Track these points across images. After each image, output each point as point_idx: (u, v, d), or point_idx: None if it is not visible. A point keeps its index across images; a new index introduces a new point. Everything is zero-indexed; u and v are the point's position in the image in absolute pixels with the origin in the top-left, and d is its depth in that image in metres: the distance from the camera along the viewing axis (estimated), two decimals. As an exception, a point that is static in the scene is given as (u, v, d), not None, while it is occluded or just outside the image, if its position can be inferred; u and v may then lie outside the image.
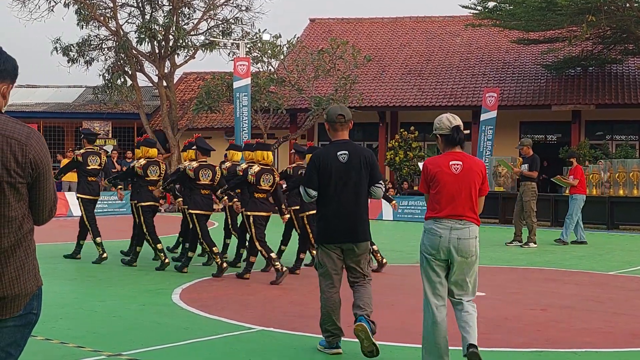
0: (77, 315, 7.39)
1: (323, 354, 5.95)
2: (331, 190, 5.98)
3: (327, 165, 6.01)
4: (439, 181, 5.36)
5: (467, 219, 5.33)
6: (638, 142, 27.37)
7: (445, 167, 5.37)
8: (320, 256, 6.05)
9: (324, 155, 6.09)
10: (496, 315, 7.54)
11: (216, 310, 7.57)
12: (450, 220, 5.31)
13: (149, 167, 11.04)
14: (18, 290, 3.04)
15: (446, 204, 5.33)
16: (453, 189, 5.34)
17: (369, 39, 32.78)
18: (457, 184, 5.34)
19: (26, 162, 3.01)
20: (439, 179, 5.37)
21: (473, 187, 5.37)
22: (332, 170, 5.99)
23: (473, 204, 5.37)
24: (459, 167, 5.37)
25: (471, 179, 5.37)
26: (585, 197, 16.03)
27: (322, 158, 6.06)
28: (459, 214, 5.32)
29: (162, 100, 29.71)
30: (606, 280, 10.36)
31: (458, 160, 5.39)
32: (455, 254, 5.28)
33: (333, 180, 5.98)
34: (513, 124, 28.11)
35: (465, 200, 5.34)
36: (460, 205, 5.33)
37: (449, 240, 5.27)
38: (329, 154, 6.08)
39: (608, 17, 23.41)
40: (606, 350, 6.13)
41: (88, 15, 28.53)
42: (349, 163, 6.02)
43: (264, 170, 9.80)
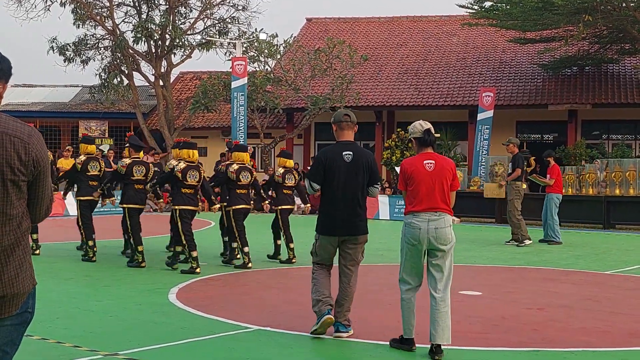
0: (73, 315, 7.37)
1: (319, 353, 5.94)
2: (334, 187, 6.40)
3: (333, 163, 6.41)
4: (415, 179, 6.01)
5: (441, 210, 5.98)
6: (634, 141, 27.42)
7: (420, 166, 6.04)
8: (318, 247, 6.47)
9: (331, 154, 6.48)
10: (493, 314, 7.54)
11: (213, 309, 7.56)
12: (427, 212, 5.95)
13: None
14: (17, 289, 3.05)
15: (422, 199, 5.98)
16: (428, 185, 5.98)
17: (366, 38, 32.79)
18: (431, 180, 5.99)
19: (29, 160, 3.04)
20: (415, 177, 6.02)
21: (445, 183, 6.02)
22: (337, 169, 6.39)
23: (446, 197, 6.02)
24: (432, 165, 6.05)
25: (443, 176, 6.02)
26: (562, 196, 16.05)
27: (329, 156, 6.47)
28: (434, 207, 5.96)
29: (159, 99, 29.68)
30: (603, 279, 10.37)
31: (431, 160, 6.07)
32: (435, 242, 5.91)
33: (337, 177, 6.39)
34: (509, 123, 28.14)
35: (439, 194, 5.99)
36: (435, 199, 5.97)
37: (428, 231, 5.91)
38: (335, 153, 6.47)
39: (604, 16, 23.44)
40: (603, 350, 6.13)
41: (84, 14, 28.51)
42: (352, 163, 6.43)
43: (190, 167, 10.44)
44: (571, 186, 20.12)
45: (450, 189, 6.07)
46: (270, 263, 11.52)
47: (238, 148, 11.29)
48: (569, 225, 19.58)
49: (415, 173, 6.03)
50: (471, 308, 7.84)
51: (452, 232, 6.01)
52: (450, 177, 6.06)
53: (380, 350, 6.08)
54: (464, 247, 13.83)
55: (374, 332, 6.74)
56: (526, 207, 20.29)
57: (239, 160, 11.11)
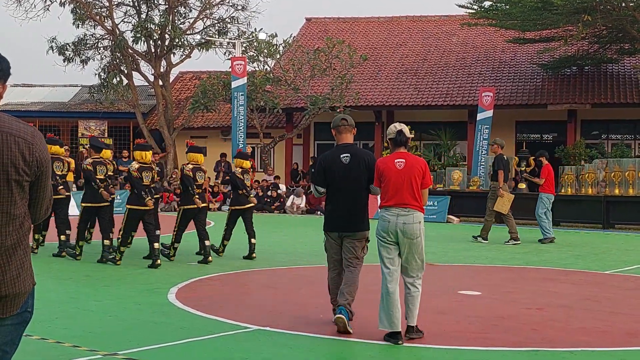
0: (73, 315, 7.37)
1: (319, 353, 5.94)
2: (335, 187, 6.85)
3: (331, 166, 6.85)
4: (386, 176, 6.44)
5: (410, 207, 6.34)
6: (634, 141, 27.43)
7: (391, 164, 6.45)
8: (326, 243, 7.05)
9: (330, 157, 6.93)
10: (493, 314, 7.54)
11: (212, 309, 7.55)
12: (397, 208, 6.35)
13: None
14: (18, 288, 3.07)
15: (392, 195, 6.39)
16: (397, 182, 6.38)
17: (365, 38, 32.78)
18: (401, 177, 6.39)
19: (33, 160, 3.05)
20: (386, 174, 6.45)
21: (414, 181, 6.38)
22: (336, 171, 6.82)
23: (415, 194, 6.37)
24: (402, 164, 6.43)
25: (412, 174, 6.39)
26: (553, 196, 16.03)
27: (328, 159, 6.93)
28: (403, 203, 6.34)
29: (158, 99, 29.68)
30: (602, 279, 10.37)
31: (402, 159, 6.46)
32: (402, 236, 6.30)
33: (336, 179, 6.82)
34: (509, 123, 28.14)
35: (407, 191, 6.36)
36: (404, 195, 6.36)
37: (396, 224, 6.31)
38: (334, 156, 6.89)
39: (604, 16, 23.44)
40: (603, 350, 6.13)
41: (84, 14, 28.50)
42: (350, 164, 6.80)
43: (143, 167, 11.15)
44: (570, 186, 20.11)
45: (422, 187, 6.42)
46: (268, 263, 11.52)
47: (192, 149, 11.88)
48: (568, 225, 19.59)
49: (386, 171, 6.44)
50: (470, 308, 7.84)
51: (420, 227, 6.36)
52: (420, 175, 6.41)
53: (381, 350, 6.08)
54: (464, 246, 13.84)
55: (374, 332, 6.74)
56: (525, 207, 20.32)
57: (194, 161, 11.71)
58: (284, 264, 11.42)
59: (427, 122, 28.10)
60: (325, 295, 8.50)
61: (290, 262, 11.61)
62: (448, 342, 6.31)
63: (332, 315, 6.73)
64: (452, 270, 11.07)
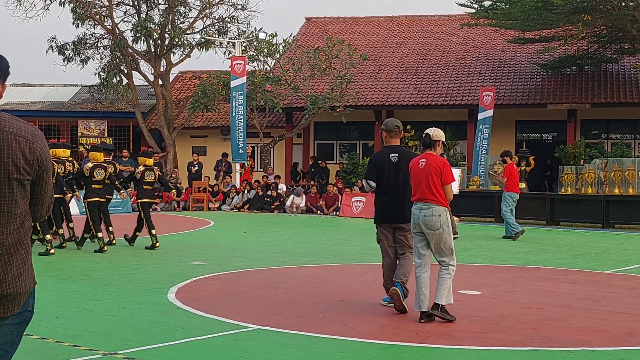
0: (72, 314, 7.37)
1: (320, 352, 5.94)
2: (385, 184, 7.73)
3: (383, 164, 7.73)
4: (412, 174, 7.31)
5: (430, 201, 7.08)
6: (633, 141, 27.44)
7: (416, 164, 7.27)
8: (379, 235, 7.82)
9: (381, 156, 7.84)
10: (492, 313, 7.54)
11: (212, 309, 7.56)
12: (420, 202, 7.14)
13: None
14: (20, 288, 3.07)
15: (415, 191, 7.21)
16: (419, 179, 7.17)
17: (365, 37, 32.78)
18: (421, 175, 7.16)
19: (34, 159, 3.06)
20: (411, 173, 7.31)
21: (431, 178, 7.10)
22: (386, 168, 7.71)
23: (433, 189, 7.08)
24: (424, 163, 7.20)
25: (430, 172, 7.10)
26: (518, 195, 16.10)
27: (379, 158, 7.83)
28: (424, 198, 7.10)
29: (158, 99, 29.67)
30: (602, 279, 10.37)
31: (424, 159, 7.23)
32: (424, 228, 7.07)
33: (386, 176, 7.71)
34: (509, 122, 28.15)
35: (426, 187, 7.09)
36: (424, 191, 7.11)
37: (419, 217, 7.11)
38: (384, 155, 7.81)
39: (604, 16, 23.45)
40: (602, 349, 6.14)
41: (84, 13, 28.49)
42: (398, 163, 7.69)
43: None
44: (570, 185, 20.11)
45: (443, 184, 7.10)
46: (268, 263, 11.53)
47: (93, 149, 13.49)
48: (568, 225, 19.60)
49: (412, 170, 7.30)
50: (470, 307, 7.84)
51: (441, 220, 7.04)
52: (437, 172, 7.09)
53: (380, 350, 6.09)
54: (463, 246, 13.84)
55: (373, 332, 6.75)
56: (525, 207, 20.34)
57: (94, 159, 13.08)
58: (283, 264, 11.42)
59: (427, 121, 27.96)
60: (325, 295, 8.51)
61: (290, 262, 11.61)
62: (448, 341, 6.31)
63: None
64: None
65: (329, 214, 23.51)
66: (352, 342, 6.28)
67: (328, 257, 12.43)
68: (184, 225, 18.94)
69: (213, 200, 25.35)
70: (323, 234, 16.87)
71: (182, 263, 11.30)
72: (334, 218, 22.45)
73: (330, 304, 7.98)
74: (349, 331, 6.64)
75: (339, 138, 30.66)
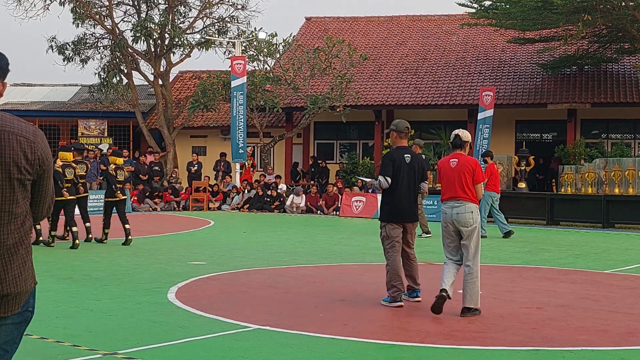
0: (72, 314, 7.38)
1: (320, 352, 5.94)
2: (398, 182, 7.98)
3: (399, 163, 7.99)
4: (442, 174, 7.60)
5: (462, 199, 7.40)
6: (633, 140, 27.43)
7: (447, 164, 7.58)
8: (389, 231, 7.99)
9: (397, 155, 8.06)
10: (492, 313, 7.54)
11: (212, 309, 7.56)
12: (451, 201, 7.45)
13: None
14: (20, 287, 3.07)
15: (447, 190, 7.52)
16: (450, 178, 7.48)
17: (365, 37, 32.78)
18: (453, 174, 7.48)
19: (35, 159, 3.08)
20: (442, 173, 7.60)
21: (464, 177, 7.43)
22: (402, 168, 7.98)
23: (465, 188, 7.39)
24: (455, 162, 7.53)
25: (462, 171, 7.45)
26: (498, 195, 16.24)
27: (396, 157, 8.04)
28: (456, 196, 7.42)
29: (158, 98, 29.67)
30: (602, 278, 10.38)
31: (455, 159, 7.57)
32: (457, 225, 7.39)
33: (401, 175, 7.98)
34: (509, 122, 28.15)
35: (458, 186, 7.41)
36: (456, 189, 7.42)
37: (451, 216, 7.42)
38: (399, 155, 8.06)
39: (604, 15, 23.44)
40: (602, 349, 6.14)
41: (83, 13, 28.48)
42: (410, 164, 8.04)
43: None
44: (570, 185, 20.11)
45: (474, 182, 7.45)
46: (268, 263, 11.53)
47: (62, 148, 14.00)
48: (568, 225, 19.60)
49: (443, 169, 7.62)
50: (470, 307, 7.84)
51: (473, 216, 7.39)
52: (470, 172, 7.44)
53: (380, 350, 6.09)
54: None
55: (373, 332, 6.75)
56: (526, 206, 20.34)
57: (63, 158, 13.53)
58: (283, 264, 11.42)
59: (427, 121, 28.10)
60: (325, 295, 8.52)
61: (290, 262, 11.61)
62: (448, 341, 6.32)
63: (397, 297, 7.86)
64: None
65: (328, 213, 23.52)
66: (352, 342, 6.28)
67: (328, 257, 12.44)
68: (184, 225, 18.94)
69: (213, 200, 25.35)
70: (323, 234, 16.87)
71: (182, 263, 11.30)
72: (334, 218, 22.45)
73: (330, 303, 7.98)
74: (349, 331, 6.65)
75: (339, 138, 30.66)
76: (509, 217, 20.19)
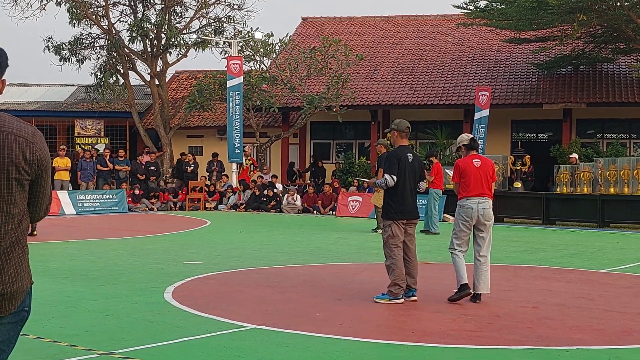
0: (69, 314, 7.38)
1: (317, 351, 5.96)
2: (402, 181, 8.21)
3: (403, 162, 8.23)
4: (467, 173, 8.25)
5: (487, 196, 8.24)
6: (629, 140, 27.49)
7: (470, 164, 8.31)
8: (394, 229, 8.15)
9: (400, 154, 8.29)
10: (487, 312, 7.56)
11: (208, 308, 7.57)
12: (476, 197, 8.18)
13: None
14: (16, 287, 3.08)
15: (474, 187, 8.20)
16: (477, 177, 8.22)
17: (361, 37, 32.80)
18: (479, 174, 8.25)
19: (33, 159, 3.08)
20: (467, 172, 8.26)
21: (488, 175, 8.29)
22: (405, 166, 8.23)
23: (490, 186, 8.29)
24: (479, 163, 8.33)
25: (487, 171, 8.32)
26: (441, 191, 17.18)
27: (401, 155, 8.27)
28: (483, 193, 8.20)
29: (154, 98, 29.66)
30: (597, 277, 10.41)
31: (478, 159, 8.39)
32: (482, 219, 8.14)
33: (405, 173, 8.23)
34: (504, 122, 28.20)
35: (485, 184, 8.24)
36: (483, 187, 8.22)
37: (477, 210, 8.13)
38: (402, 154, 8.29)
39: (599, 16, 23.49)
40: (597, 348, 6.16)
41: (80, 13, 28.46)
42: (413, 162, 8.31)
43: None
44: (565, 185, 20.15)
45: (492, 180, 8.34)
46: (265, 262, 11.54)
47: None
48: (563, 224, 19.64)
49: (467, 169, 8.23)
50: (466, 306, 7.87)
51: (492, 212, 8.21)
52: (492, 172, 8.34)
53: (377, 349, 6.11)
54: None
55: (370, 331, 6.77)
56: (521, 206, 20.38)
57: None
58: (280, 263, 11.43)
59: (423, 121, 28.13)
60: (322, 294, 8.53)
61: (286, 261, 11.63)
62: (444, 340, 6.33)
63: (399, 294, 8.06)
64: (447, 268, 11.07)
65: (325, 213, 23.53)
66: (348, 341, 6.30)
67: (324, 256, 12.45)
68: (180, 225, 18.94)
69: (209, 200, 25.35)
70: (319, 234, 16.89)
71: (179, 263, 11.31)
72: (330, 217, 22.46)
73: (326, 303, 8.00)
74: (346, 330, 6.66)
75: (335, 138, 30.68)
76: (505, 216, 20.30)
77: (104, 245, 13.84)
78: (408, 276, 8.16)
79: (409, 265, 8.21)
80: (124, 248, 13.32)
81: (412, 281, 8.18)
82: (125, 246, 13.55)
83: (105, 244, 13.86)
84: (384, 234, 8.26)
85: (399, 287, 8.01)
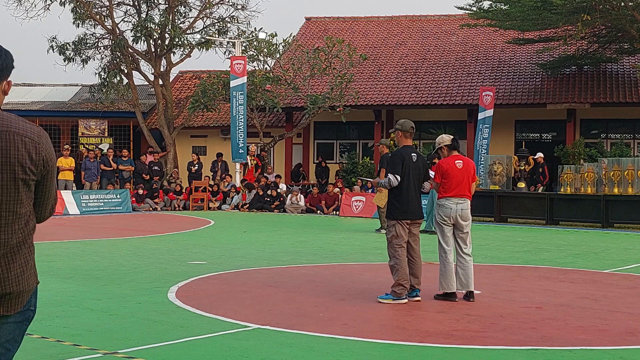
0: (73, 314, 7.39)
1: (320, 351, 5.96)
2: (406, 181, 8.23)
3: (407, 162, 8.26)
4: (450, 173, 8.31)
5: (465, 197, 8.33)
6: (633, 140, 27.45)
7: (452, 164, 8.35)
8: (398, 229, 8.16)
9: (405, 154, 8.32)
10: (491, 312, 7.56)
11: (212, 308, 7.58)
12: (456, 198, 8.28)
13: None
14: (22, 286, 3.10)
15: (454, 188, 8.27)
16: (458, 178, 8.29)
17: (365, 37, 32.80)
18: (461, 175, 8.31)
19: (39, 159, 3.10)
20: (449, 172, 8.31)
21: (470, 176, 8.37)
22: (409, 166, 8.26)
23: (469, 187, 8.36)
24: (461, 164, 8.38)
25: (468, 172, 8.39)
26: None
27: (405, 155, 8.30)
28: (462, 194, 8.30)
29: (158, 98, 29.69)
30: (601, 278, 10.39)
31: (460, 160, 8.42)
32: (459, 220, 8.27)
33: (409, 173, 8.26)
34: (508, 122, 28.17)
35: (465, 185, 8.32)
36: (463, 188, 8.30)
37: (456, 210, 8.26)
38: (407, 154, 8.33)
39: (603, 16, 23.46)
40: (601, 348, 6.15)
41: (84, 13, 28.50)
42: (416, 162, 8.34)
43: None
44: (570, 185, 20.12)
45: (472, 180, 8.38)
46: (268, 262, 11.55)
47: None
48: (567, 224, 19.61)
49: (449, 169, 8.29)
50: (469, 306, 7.87)
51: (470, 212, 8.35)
52: (472, 173, 8.40)
53: (380, 349, 6.11)
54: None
55: (373, 331, 6.77)
56: (525, 206, 20.34)
57: None
58: (283, 263, 11.44)
59: (426, 121, 28.13)
60: (325, 294, 8.53)
61: (290, 261, 11.63)
62: (447, 340, 6.33)
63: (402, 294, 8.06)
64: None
65: (328, 213, 23.53)
66: (351, 342, 6.30)
67: (328, 256, 12.46)
68: (184, 224, 18.96)
69: (213, 199, 25.37)
70: (323, 234, 16.89)
71: (183, 262, 11.32)
72: (334, 218, 22.47)
73: (330, 303, 8.00)
74: (349, 330, 6.66)
75: (339, 138, 30.69)
76: (509, 216, 20.29)
77: (108, 245, 13.86)
78: (412, 276, 8.17)
79: (413, 265, 8.21)
80: (128, 248, 13.33)
81: (416, 281, 8.19)
82: (129, 246, 13.57)
83: (109, 244, 13.88)
84: (388, 234, 8.24)
85: (403, 288, 8.01)
